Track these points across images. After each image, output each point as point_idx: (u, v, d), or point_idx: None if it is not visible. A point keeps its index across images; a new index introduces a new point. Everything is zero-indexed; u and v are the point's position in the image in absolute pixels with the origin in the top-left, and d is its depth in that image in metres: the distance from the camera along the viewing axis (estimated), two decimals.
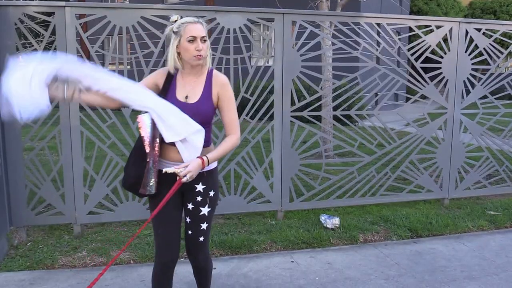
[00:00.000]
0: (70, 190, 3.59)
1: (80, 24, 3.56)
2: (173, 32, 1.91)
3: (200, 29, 1.88)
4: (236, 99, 3.96)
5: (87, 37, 3.61)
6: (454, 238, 3.84)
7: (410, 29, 4.59)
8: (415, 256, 3.43)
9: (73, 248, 3.40)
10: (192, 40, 1.85)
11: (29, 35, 3.49)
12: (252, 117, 4.12)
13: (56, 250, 3.35)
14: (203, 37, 1.89)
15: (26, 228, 3.66)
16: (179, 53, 1.93)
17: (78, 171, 3.58)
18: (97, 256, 3.27)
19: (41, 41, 3.53)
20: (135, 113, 4.00)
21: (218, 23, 3.84)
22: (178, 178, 1.85)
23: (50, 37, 3.56)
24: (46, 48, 3.97)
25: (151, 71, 2.34)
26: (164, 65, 2.15)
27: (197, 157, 1.89)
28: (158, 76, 2.03)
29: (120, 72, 2.78)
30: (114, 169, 3.74)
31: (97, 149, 3.77)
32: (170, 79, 2.01)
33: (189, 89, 1.99)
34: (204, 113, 1.97)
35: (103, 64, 3.70)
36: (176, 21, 1.90)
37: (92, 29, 3.65)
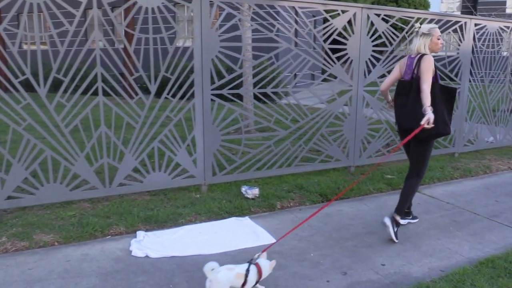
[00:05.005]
0: None
1: None
2: (423, 33, 3.26)
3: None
4: (156, 79, 4.08)
5: None
6: (358, 200, 4.39)
7: None
8: (324, 217, 3.89)
9: None
10: (439, 38, 3.26)
11: None
12: (173, 96, 4.22)
13: None
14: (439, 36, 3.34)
15: None
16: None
17: None
18: (18, 241, 3.21)
19: None
20: (52, 96, 3.88)
21: (136, 2, 3.83)
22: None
23: None
24: None
25: (67, 51, 2.32)
26: (81, 44, 2.23)
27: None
28: (401, 64, 3.45)
29: (33, 52, 2.68)
30: (32, 151, 3.64)
31: (12, 132, 3.62)
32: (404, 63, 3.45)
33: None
34: None
35: (13, 44, 3.52)
36: (420, 27, 3.27)
37: None
